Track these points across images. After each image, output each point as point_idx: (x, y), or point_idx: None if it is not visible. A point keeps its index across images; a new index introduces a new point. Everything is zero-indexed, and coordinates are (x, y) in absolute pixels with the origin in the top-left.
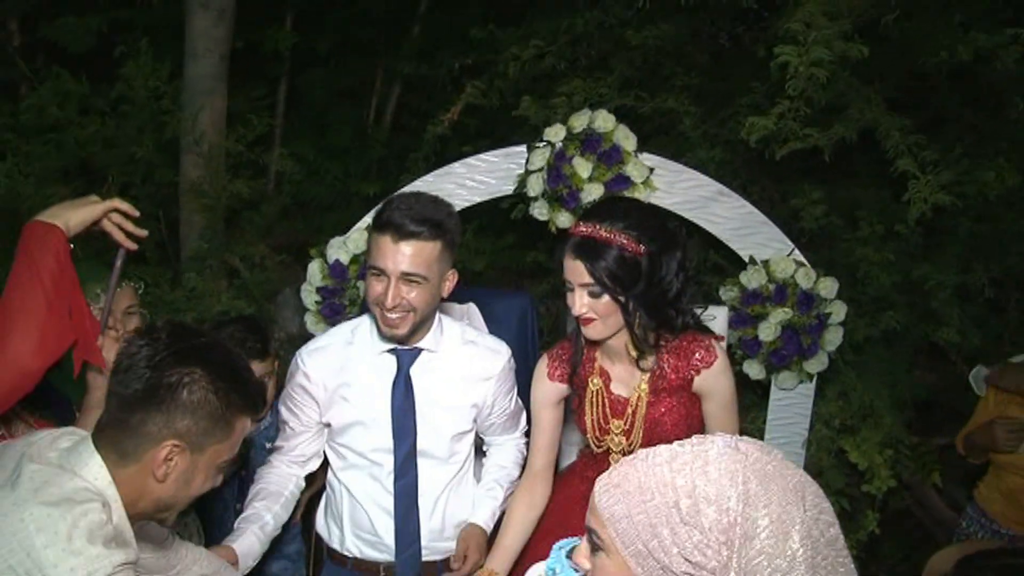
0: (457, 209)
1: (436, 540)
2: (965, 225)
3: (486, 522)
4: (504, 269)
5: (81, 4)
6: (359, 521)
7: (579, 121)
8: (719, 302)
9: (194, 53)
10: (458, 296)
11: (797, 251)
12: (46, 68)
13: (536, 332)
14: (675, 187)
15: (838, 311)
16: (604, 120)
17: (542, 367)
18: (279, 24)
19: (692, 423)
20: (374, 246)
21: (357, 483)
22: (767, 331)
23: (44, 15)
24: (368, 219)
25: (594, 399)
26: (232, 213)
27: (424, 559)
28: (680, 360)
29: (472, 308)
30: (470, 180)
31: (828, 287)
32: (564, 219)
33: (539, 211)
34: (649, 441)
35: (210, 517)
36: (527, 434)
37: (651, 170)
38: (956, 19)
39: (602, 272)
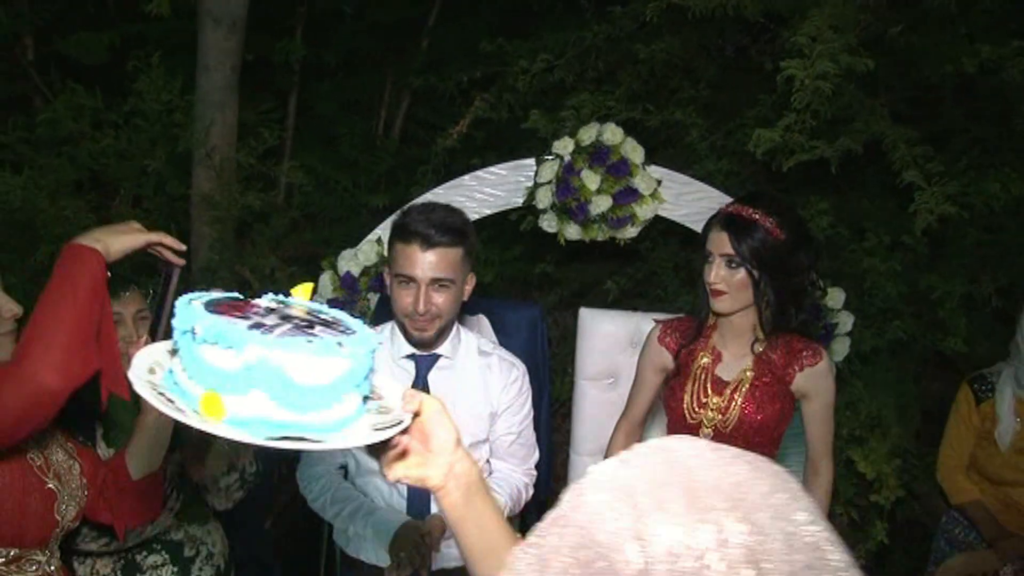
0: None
1: (449, 546)
2: (972, 235)
3: None
4: (512, 280)
5: (95, 19)
6: (380, 527)
7: (587, 134)
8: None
9: (206, 66)
10: (468, 307)
11: None
12: (60, 82)
13: (546, 343)
14: (682, 199)
15: (845, 321)
16: (612, 133)
17: (654, 333)
18: (289, 36)
19: (782, 421)
20: (401, 256)
21: (373, 489)
22: None
23: (58, 30)
24: (379, 231)
25: (699, 373)
26: (243, 225)
27: (436, 566)
28: (787, 356)
29: (482, 319)
30: (479, 192)
31: (835, 298)
32: (573, 231)
33: (548, 223)
34: (741, 424)
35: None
36: (537, 468)
37: (659, 182)
38: (961, 31)
39: (745, 246)
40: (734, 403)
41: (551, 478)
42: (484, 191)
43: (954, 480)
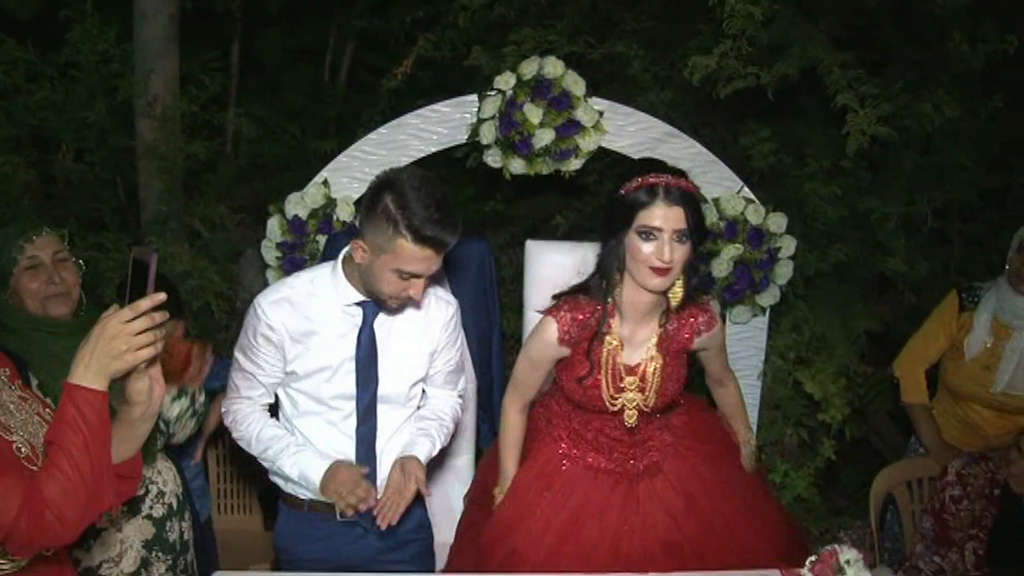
0: (413, 160)
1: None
2: (909, 158)
3: (424, 458)
4: (466, 220)
5: None
6: None
7: (528, 68)
8: None
9: (143, 15)
10: None
11: (746, 188)
12: None
13: (495, 277)
14: (624, 130)
15: (788, 245)
16: (553, 66)
17: (551, 329)
18: None
19: (684, 380)
20: (407, 254)
21: (312, 429)
22: (720, 267)
23: None
24: (325, 174)
25: (607, 363)
26: (190, 176)
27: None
28: (686, 326)
29: None
30: (424, 131)
31: (777, 222)
32: (518, 165)
33: (493, 159)
34: (660, 399)
35: None
36: (463, 396)
37: (600, 114)
38: None
39: (693, 219)
40: (649, 384)
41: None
42: (429, 130)
43: (913, 375)
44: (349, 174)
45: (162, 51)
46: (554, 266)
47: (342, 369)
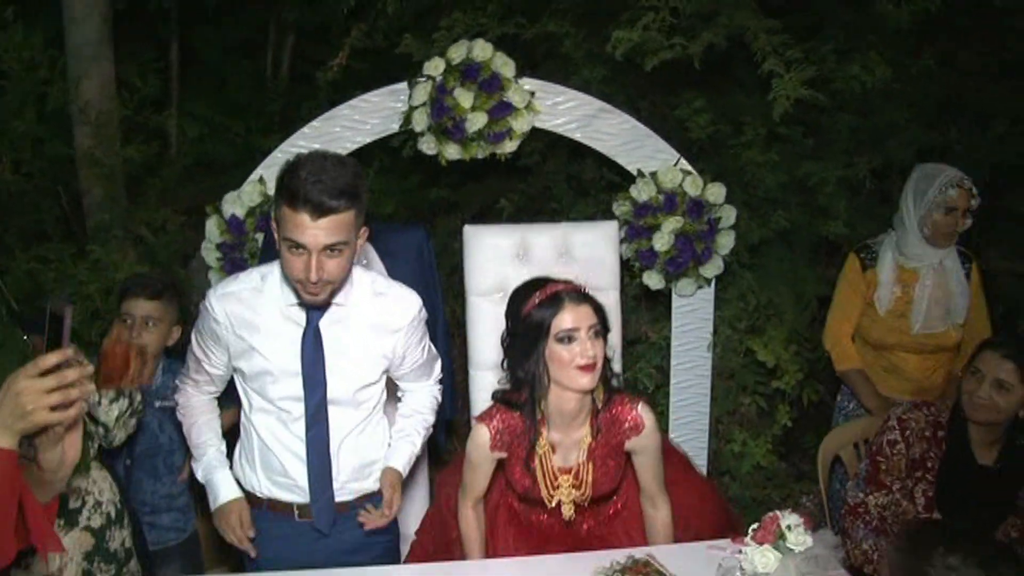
0: (350, 151)
1: (349, 481)
2: (844, 120)
3: (404, 466)
4: (414, 208)
5: None
6: (271, 464)
7: (457, 52)
8: (613, 217)
9: (72, 18)
10: None
11: (684, 160)
12: None
13: (434, 265)
14: (557, 108)
15: (728, 215)
16: (482, 49)
17: (483, 436)
18: None
19: (621, 475)
20: (289, 222)
21: (267, 428)
22: (661, 241)
23: None
24: (260, 171)
25: (543, 465)
26: (133, 180)
27: (337, 500)
28: (615, 422)
29: (368, 246)
30: (357, 122)
31: (716, 193)
32: (453, 150)
33: (427, 145)
34: (597, 492)
35: None
36: (441, 381)
37: (532, 94)
38: None
39: (601, 315)
40: (584, 483)
41: (454, 397)
42: (361, 120)
43: (842, 346)
44: None
45: (95, 54)
46: (493, 249)
47: (288, 371)
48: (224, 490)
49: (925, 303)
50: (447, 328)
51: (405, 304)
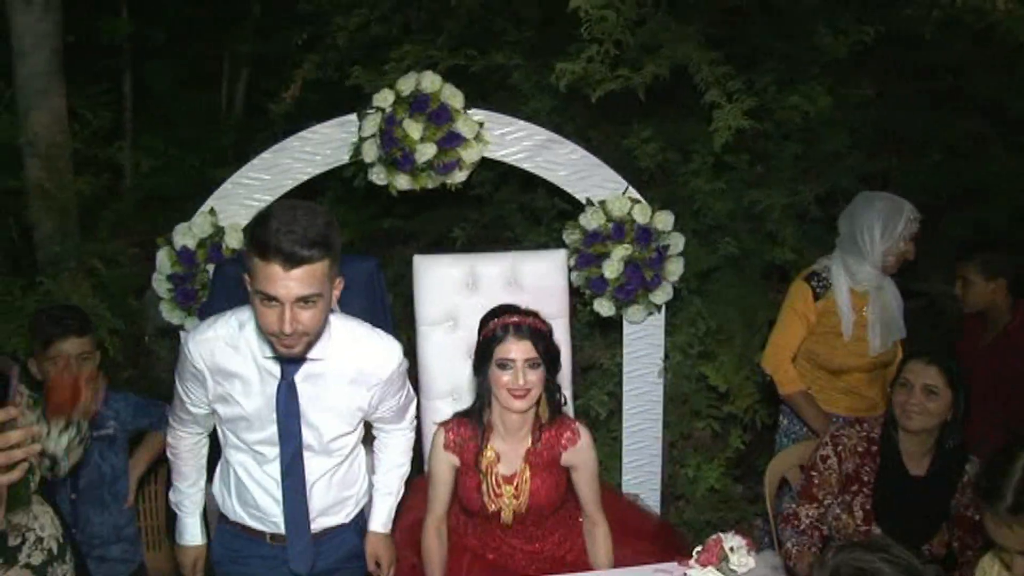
0: (298, 183)
1: (323, 516)
2: (790, 149)
3: (385, 524)
4: (373, 239)
5: None
6: (245, 498)
7: (406, 84)
8: (564, 246)
9: (21, 52)
10: None
11: (632, 189)
12: None
13: (385, 294)
14: (507, 139)
15: (676, 242)
16: (430, 81)
17: (440, 437)
18: (113, 14)
19: (560, 491)
20: (261, 274)
21: (242, 465)
22: (610, 268)
23: None
24: (211, 202)
25: (487, 471)
26: (86, 212)
27: (312, 531)
28: (553, 439)
29: None
30: (307, 154)
31: (664, 220)
32: (403, 181)
33: (377, 176)
34: (532, 504)
35: None
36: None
37: (481, 125)
38: None
39: (542, 347)
40: (522, 492)
41: None
42: (312, 151)
43: (786, 370)
44: (236, 201)
45: (46, 87)
46: (443, 279)
47: (264, 418)
48: (189, 535)
49: (879, 324)
50: None
51: (384, 357)
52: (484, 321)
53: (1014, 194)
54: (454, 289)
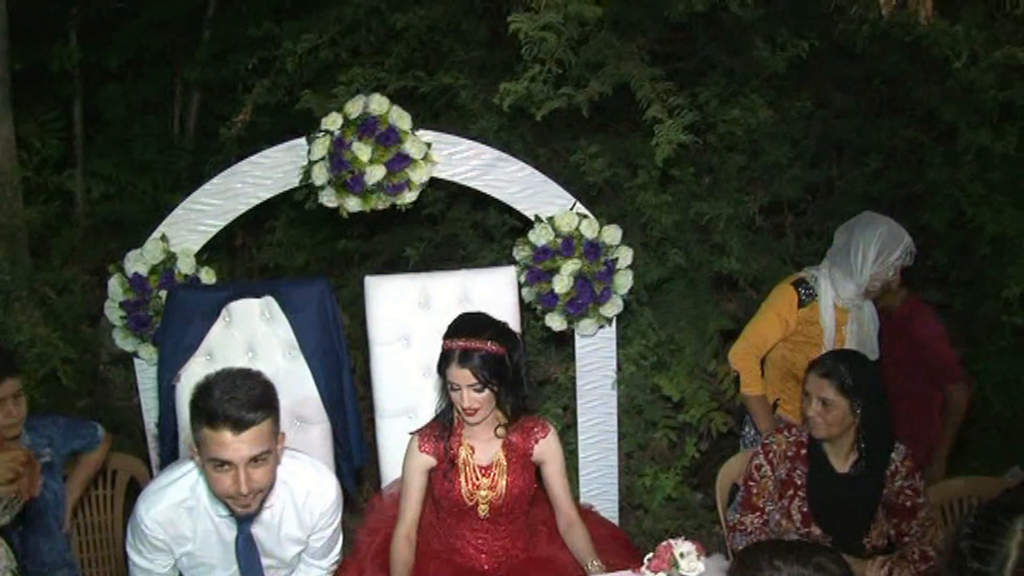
0: (250, 206)
1: None
2: (734, 161)
3: None
4: (329, 260)
5: None
6: None
7: (354, 107)
8: (514, 263)
9: None
10: (255, 289)
11: (580, 205)
12: None
13: (338, 314)
14: (454, 159)
15: (625, 255)
16: (378, 103)
17: (414, 443)
18: (63, 41)
19: (531, 486)
20: (212, 442)
21: None
22: (560, 283)
23: None
24: (163, 229)
25: (464, 464)
26: (37, 240)
27: None
28: (523, 435)
29: (270, 300)
30: (258, 178)
31: (612, 235)
32: (353, 203)
33: (328, 198)
34: (509, 496)
35: None
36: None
37: (429, 145)
38: None
39: (484, 372)
40: (499, 482)
41: (363, 445)
42: (262, 176)
43: (752, 368)
44: (188, 227)
45: None
46: (395, 299)
47: (227, 561)
48: None
49: (856, 340)
50: (352, 378)
51: (322, 497)
52: (445, 333)
53: (952, 198)
54: (406, 308)
